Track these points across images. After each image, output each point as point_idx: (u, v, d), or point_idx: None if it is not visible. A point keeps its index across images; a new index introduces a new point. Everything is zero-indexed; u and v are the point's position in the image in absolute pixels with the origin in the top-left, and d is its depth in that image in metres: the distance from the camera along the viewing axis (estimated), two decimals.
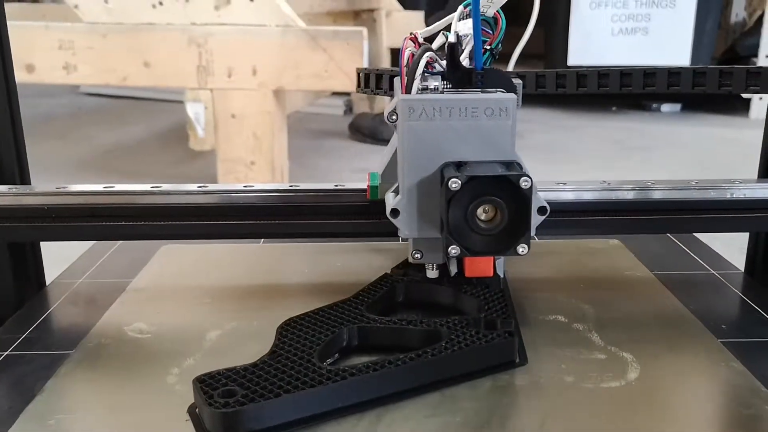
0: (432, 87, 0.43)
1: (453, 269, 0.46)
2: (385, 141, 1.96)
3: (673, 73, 0.53)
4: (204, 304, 0.51)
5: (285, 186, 0.51)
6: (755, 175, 0.58)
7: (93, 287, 0.55)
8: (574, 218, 0.51)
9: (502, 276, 0.48)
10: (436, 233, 0.42)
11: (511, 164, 0.41)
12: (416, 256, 0.45)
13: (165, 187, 0.51)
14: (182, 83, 1.39)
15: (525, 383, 0.41)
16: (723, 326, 0.48)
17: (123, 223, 0.50)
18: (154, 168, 1.68)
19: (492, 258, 0.44)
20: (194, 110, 1.40)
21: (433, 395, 0.39)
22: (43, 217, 0.50)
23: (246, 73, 1.35)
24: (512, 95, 0.42)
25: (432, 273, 0.47)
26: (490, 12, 0.46)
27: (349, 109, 2.47)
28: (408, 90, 0.43)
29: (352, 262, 0.58)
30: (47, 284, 0.57)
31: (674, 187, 0.51)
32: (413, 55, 0.44)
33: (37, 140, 1.63)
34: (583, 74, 0.55)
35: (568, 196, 0.51)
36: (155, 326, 0.48)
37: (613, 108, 2.35)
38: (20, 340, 0.47)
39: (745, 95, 2.21)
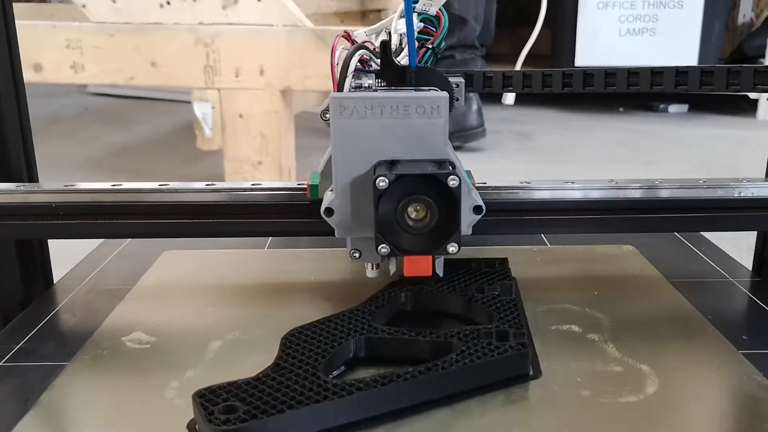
0: (366, 85, 0.43)
1: (392, 268, 0.46)
2: None
3: (680, 72, 0.53)
4: (206, 313, 0.50)
5: (293, 184, 0.51)
6: (763, 176, 0.57)
7: (92, 294, 0.54)
8: (582, 217, 0.51)
9: (441, 275, 0.47)
10: (371, 232, 0.42)
11: (443, 163, 0.41)
12: (354, 255, 0.44)
13: (173, 185, 0.51)
14: (189, 83, 1.39)
15: (539, 397, 0.39)
16: (744, 336, 0.46)
17: (131, 220, 0.51)
18: (161, 167, 1.69)
19: (431, 258, 0.43)
20: (201, 110, 1.41)
21: (444, 410, 0.38)
22: (51, 214, 0.50)
23: (253, 73, 1.35)
24: (444, 94, 0.42)
25: (371, 273, 0.46)
26: (432, 10, 0.46)
27: None
28: (340, 88, 0.43)
29: (358, 270, 0.56)
30: (54, 282, 0.57)
31: (682, 186, 0.51)
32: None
33: (44, 140, 1.64)
34: (590, 73, 0.55)
35: (576, 195, 0.51)
36: (154, 336, 0.47)
37: (620, 109, 2.34)
38: (15, 350, 0.45)
39: (752, 96, 2.20)
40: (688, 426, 0.37)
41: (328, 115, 0.42)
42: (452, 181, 0.39)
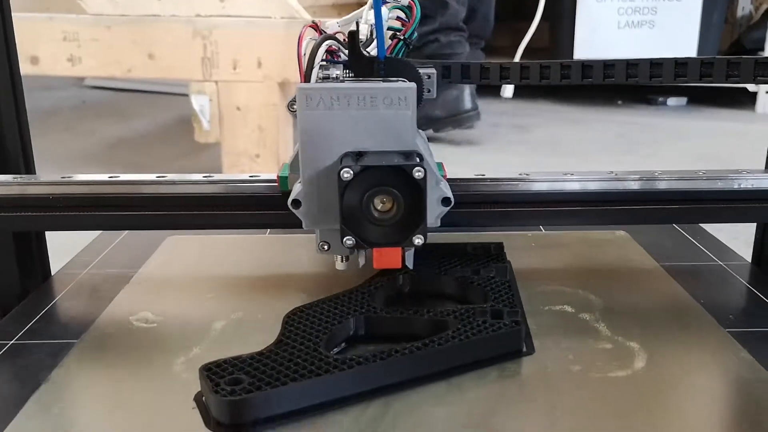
0: (333, 76, 0.43)
1: (361, 261, 0.45)
2: None
3: (680, 63, 0.53)
4: (209, 295, 0.52)
5: None
6: (762, 168, 0.57)
7: (98, 278, 0.55)
8: (580, 208, 0.51)
9: (411, 267, 0.48)
10: (338, 224, 0.41)
11: (411, 154, 0.40)
12: (323, 247, 0.44)
13: (170, 176, 0.51)
14: (187, 75, 1.39)
15: (532, 372, 0.41)
16: (730, 316, 0.48)
17: (128, 212, 0.50)
18: (159, 161, 1.68)
19: (400, 250, 0.43)
20: (199, 103, 1.40)
21: (440, 384, 0.39)
22: (49, 206, 0.50)
23: (251, 65, 1.35)
24: (412, 84, 0.41)
25: (340, 265, 0.46)
26: (404, 0, 0.46)
27: None
28: (307, 78, 0.42)
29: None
30: (52, 275, 0.57)
31: (681, 177, 0.51)
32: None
33: (42, 133, 1.63)
34: (588, 65, 0.54)
35: (575, 186, 0.51)
36: (161, 316, 0.48)
37: (619, 102, 2.34)
38: (25, 330, 0.47)
39: (751, 89, 2.20)
40: (675, 399, 0.39)
41: (295, 106, 0.41)
42: (417, 173, 0.39)
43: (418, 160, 0.40)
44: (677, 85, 2.32)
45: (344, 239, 0.40)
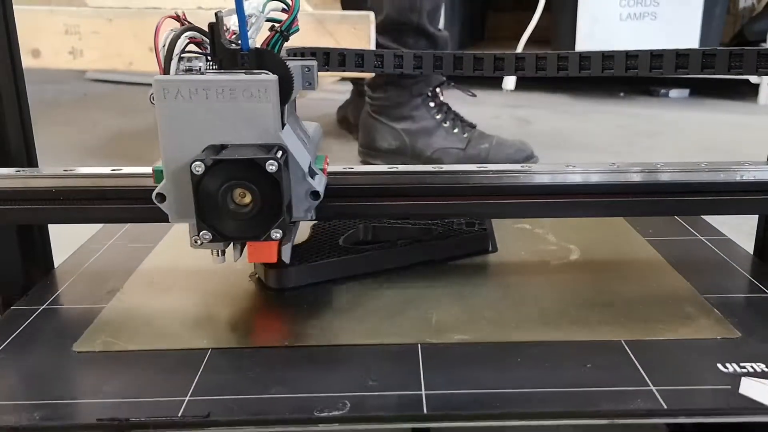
0: (196, 68, 0.42)
1: (236, 255, 0.44)
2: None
3: (681, 55, 0.52)
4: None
5: None
6: (765, 160, 0.57)
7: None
8: (582, 200, 0.51)
9: (287, 262, 0.49)
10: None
11: (272, 148, 0.40)
12: (196, 242, 0.42)
13: None
14: None
15: (494, 262, 0.58)
16: (650, 231, 0.63)
17: (131, 205, 0.50)
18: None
19: (275, 244, 0.42)
20: None
21: (425, 269, 0.56)
22: (51, 199, 0.50)
23: None
24: (273, 77, 0.41)
25: (217, 260, 0.45)
26: None
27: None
28: (166, 71, 0.41)
29: None
30: (55, 267, 0.57)
31: (683, 169, 0.51)
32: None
33: (43, 126, 1.63)
34: (586, 56, 0.54)
35: (576, 178, 0.51)
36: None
37: (621, 94, 2.33)
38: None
39: (753, 80, 2.19)
40: (595, 274, 0.55)
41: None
42: (271, 167, 0.38)
43: (279, 153, 0.39)
44: (680, 77, 2.32)
45: (201, 233, 0.40)
